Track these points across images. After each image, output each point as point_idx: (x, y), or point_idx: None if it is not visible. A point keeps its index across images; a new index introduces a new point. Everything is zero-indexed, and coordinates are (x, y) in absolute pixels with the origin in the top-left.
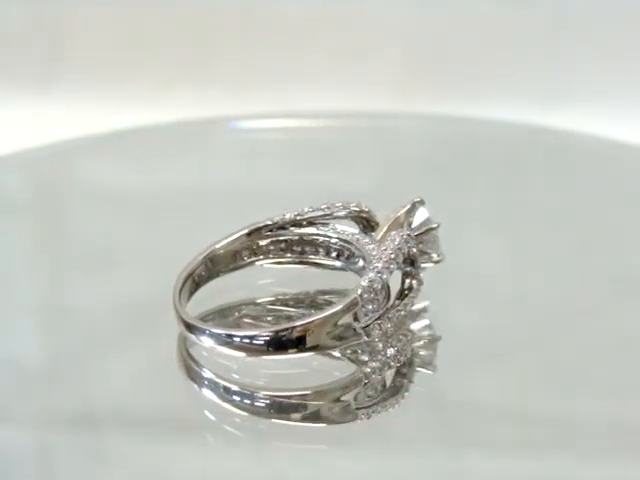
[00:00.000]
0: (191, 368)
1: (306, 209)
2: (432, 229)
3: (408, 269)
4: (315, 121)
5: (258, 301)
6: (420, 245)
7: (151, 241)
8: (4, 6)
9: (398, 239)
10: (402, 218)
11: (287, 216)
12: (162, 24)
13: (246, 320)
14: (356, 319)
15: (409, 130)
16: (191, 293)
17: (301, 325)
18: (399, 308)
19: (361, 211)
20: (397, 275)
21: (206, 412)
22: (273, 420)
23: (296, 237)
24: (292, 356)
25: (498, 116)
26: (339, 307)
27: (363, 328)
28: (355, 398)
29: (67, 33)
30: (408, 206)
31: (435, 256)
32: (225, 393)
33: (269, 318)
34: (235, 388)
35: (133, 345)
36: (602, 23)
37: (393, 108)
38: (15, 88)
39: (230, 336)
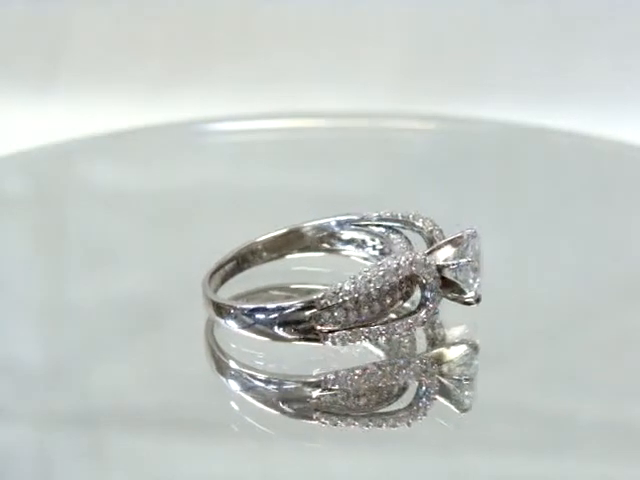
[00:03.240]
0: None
1: (388, 213)
2: (462, 264)
3: (424, 294)
4: (314, 121)
5: (291, 286)
6: (447, 275)
7: (150, 240)
8: (4, 6)
9: (403, 259)
10: (451, 244)
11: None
12: (161, 24)
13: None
14: (318, 321)
15: (409, 130)
16: (221, 282)
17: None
18: (383, 330)
19: (427, 230)
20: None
21: (207, 410)
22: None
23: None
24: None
25: (498, 116)
26: (293, 302)
27: (323, 333)
28: (319, 398)
29: (67, 33)
30: (455, 234)
31: (468, 294)
32: (248, 384)
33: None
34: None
35: (133, 343)
36: (602, 23)
37: (392, 108)
38: (15, 88)
39: (254, 311)
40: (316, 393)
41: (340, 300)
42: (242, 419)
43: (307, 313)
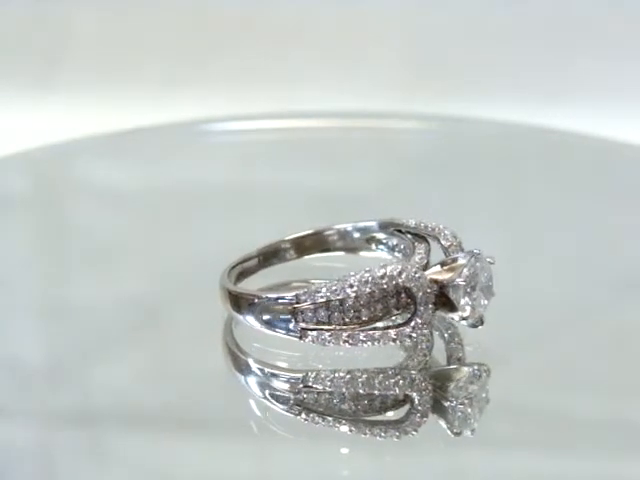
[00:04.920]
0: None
1: (422, 223)
2: (453, 282)
3: (414, 308)
4: (315, 121)
5: (312, 281)
6: (448, 294)
7: (151, 240)
8: (4, 6)
9: (391, 268)
10: (449, 262)
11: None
12: (162, 24)
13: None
14: (300, 317)
15: (409, 130)
16: (238, 279)
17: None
18: (363, 337)
19: (446, 245)
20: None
21: (209, 408)
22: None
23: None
24: None
25: (498, 116)
26: (271, 295)
27: (304, 330)
28: (299, 393)
29: (67, 33)
30: (455, 255)
31: (459, 315)
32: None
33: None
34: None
35: (133, 342)
36: (602, 23)
37: (393, 108)
38: (15, 88)
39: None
40: (297, 388)
41: (320, 300)
42: (245, 418)
43: (289, 308)
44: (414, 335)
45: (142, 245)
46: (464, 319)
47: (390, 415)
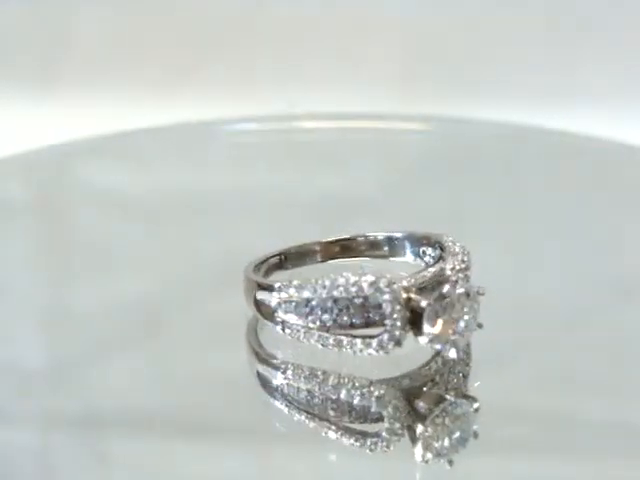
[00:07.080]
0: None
1: (451, 242)
2: (419, 304)
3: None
4: (314, 123)
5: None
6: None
7: (151, 242)
8: (4, 6)
9: (366, 278)
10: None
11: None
12: (162, 25)
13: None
14: (282, 307)
15: (409, 131)
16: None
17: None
18: (332, 341)
19: (449, 267)
20: None
21: (209, 411)
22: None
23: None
24: None
25: (498, 116)
26: (261, 281)
27: (285, 322)
28: (280, 383)
29: (67, 34)
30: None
31: (423, 338)
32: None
33: None
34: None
35: (135, 345)
36: (602, 23)
37: (393, 109)
38: (15, 89)
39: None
40: (279, 378)
41: (295, 295)
42: (245, 419)
43: (276, 298)
44: (380, 350)
45: (143, 247)
46: (430, 342)
47: (365, 427)
